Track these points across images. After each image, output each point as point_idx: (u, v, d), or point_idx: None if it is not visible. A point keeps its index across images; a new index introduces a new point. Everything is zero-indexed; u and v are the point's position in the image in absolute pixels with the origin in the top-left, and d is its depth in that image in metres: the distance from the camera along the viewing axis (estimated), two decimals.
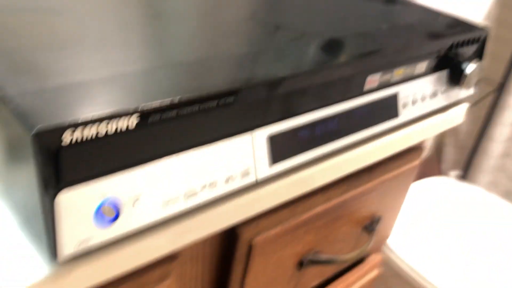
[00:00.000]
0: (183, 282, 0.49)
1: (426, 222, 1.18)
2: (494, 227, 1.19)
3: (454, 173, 1.71)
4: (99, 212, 0.33)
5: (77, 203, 0.31)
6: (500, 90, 1.51)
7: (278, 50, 0.45)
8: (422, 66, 0.56)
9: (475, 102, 1.61)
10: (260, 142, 0.42)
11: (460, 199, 1.28)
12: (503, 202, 1.29)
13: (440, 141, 1.72)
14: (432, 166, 1.77)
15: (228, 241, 0.50)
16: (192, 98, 0.35)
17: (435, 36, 0.57)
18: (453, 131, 1.69)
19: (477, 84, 1.56)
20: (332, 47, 0.48)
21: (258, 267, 0.53)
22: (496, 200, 1.29)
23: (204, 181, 0.38)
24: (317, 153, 0.48)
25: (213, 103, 0.36)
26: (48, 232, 0.31)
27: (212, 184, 0.39)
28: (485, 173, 1.61)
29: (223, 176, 0.39)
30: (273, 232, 0.52)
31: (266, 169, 0.43)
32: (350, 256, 0.62)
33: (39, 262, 0.33)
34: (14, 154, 0.33)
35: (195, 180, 0.38)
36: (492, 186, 1.64)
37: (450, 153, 1.72)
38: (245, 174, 0.41)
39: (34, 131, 0.28)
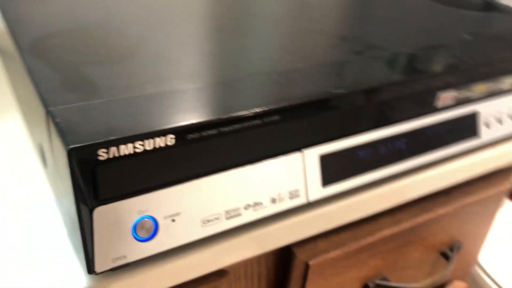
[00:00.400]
0: None
1: None
2: None
3: None
4: (137, 229, 0.33)
5: (114, 219, 0.32)
6: None
7: (341, 64, 0.43)
8: (510, 81, 0.51)
9: None
10: (311, 161, 0.40)
11: None
12: None
13: None
14: None
15: (284, 261, 0.49)
16: (231, 117, 0.34)
17: None
18: None
19: None
20: (399, 61, 0.45)
21: None
22: None
23: (248, 201, 0.37)
24: (380, 175, 0.45)
25: (258, 122, 0.35)
26: (85, 246, 0.32)
27: (257, 204, 0.38)
28: None
29: (269, 196, 0.38)
30: (332, 254, 0.49)
31: (318, 190, 0.41)
32: (422, 284, 0.57)
33: (78, 273, 0.34)
34: (59, 167, 0.34)
35: (238, 200, 0.37)
36: None
37: None
38: (294, 194, 0.40)
39: (69, 147, 0.29)
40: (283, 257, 0.49)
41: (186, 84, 0.37)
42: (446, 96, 0.46)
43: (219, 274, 0.43)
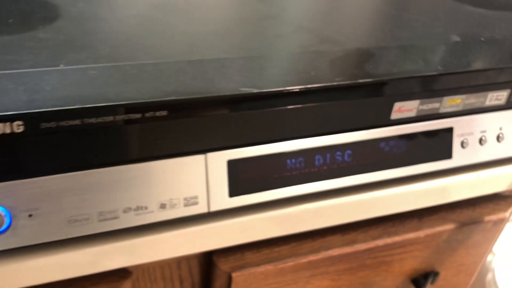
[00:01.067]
0: None
1: None
2: None
3: None
4: None
5: None
6: None
7: (273, 58, 0.37)
8: (499, 96, 0.42)
9: None
10: (216, 166, 0.35)
11: None
12: None
13: None
14: None
15: (207, 270, 0.44)
16: (99, 107, 0.29)
17: None
18: None
19: None
20: (349, 60, 0.38)
21: None
22: None
23: (129, 204, 0.33)
24: (312, 188, 0.39)
25: (136, 116, 0.31)
26: None
27: (140, 208, 0.33)
28: None
29: (156, 201, 0.34)
30: (262, 268, 0.44)
31: (223, 200, 0.36)
32: None
33: None
34: None
35: (116, 201, 0.33)
36: None
37: None
38: (191, 202, 0.35)
39: None
40: (206, 264, 0.44)
41: (66, 65, 0.33)
42: (405, 107, 0.39)
43: (121, 275, 0.40)
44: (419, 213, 0.50)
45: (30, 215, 0.31)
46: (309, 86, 0.34)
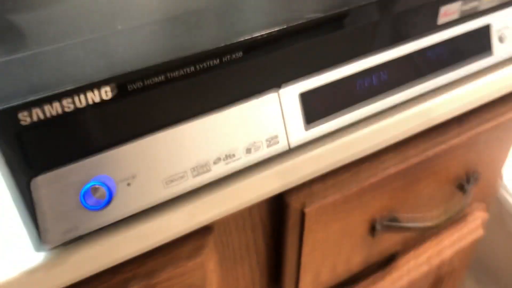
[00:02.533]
0: (231, 252, 0.45)
1: None
2: None
3: None
4: (86, 197, 0.29)
5: (58, 189, 0.28)
6: None
7: None
8: None
9: None
10: (290, 101, 0.35)
11: None
12: None
13: None
14: None
15: (278, 210, 0.45)
16: (180, 59, 0.28)
17: None
18: None
19: None
20: None
21: (316, 236, 0.47)
22: None
23: (218, 154, 0.33)
24: (376, 107, 0.39)
25: (215, 61, 0.30)
26: (30, 221, 0.28)
27: (229, 157, 0.33)
28: None
29: (242, 146, 0.33)
30: (330, 199, 0.45)
31: (300, 133, 0.36)
32: (436, 222, 0.53)
33: (30, 250, 0.30)
34: None
35: (206, 154, 0.32)
36: None
37: None
38: (273, 141, 0.35)
39: None
40: (277, 206, 0.45)
41: (123, 25, 0.32)
42: (449, 10, 0.39)
43: (203, 232, 0.40)
44: (458, 118, 0.52)
45: (128, 184, 0.30)
46: (364, 2, 0.34)
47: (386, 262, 0.60)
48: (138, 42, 0.30)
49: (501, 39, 0.43)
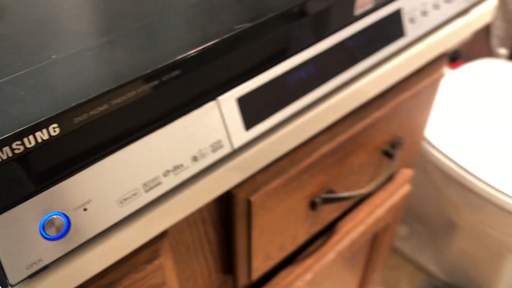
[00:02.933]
0: (185, 247, 0.47)
1: (467, 109, 1.09)
2: None
3: (503, 51, 1.56)
4: (46, 229, 0.30)
5: (17, 226, 0.29)
6: None
7: None
8: None
9: None
10: (228, 107, 0.36)
11: (509, 81, 1.17)
12: None
13: None
14: (481, 43, 1.62)
15: (225, 201, 0.47)
16: (122, 86, 0.29)
17: None
18: (502, 3, 1.51)
19: None
20: None
21: (263, 220, 0.50)
22: None
23: (167, 167, 0.34)
24: (308, 100, 0.42)
25: (155, 82, 0.31)
26: None
27: (177, 168, 0.35)
28: None
29: (189, 156, 0.35)
30: (273, 185, 0.48)
31: (242, 135, 0.38)
32: (368, 189, 0.57)
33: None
34: None
35: (155, 169, 0.34)
36: None
37: (499, 28, 1.56)
38: (217, 146, 0.37)
39: None
40: (224, 197, 0.47)
41: (57, 54, 0.32)
42: (364, 0, 0.42)
43: (158, 236, 0.42)
44: (381, 93, 0.56)
45: (85, 209, 0.31)
46: (288, 7, 0.36)
47: (328, 229, 0.65)
48: (76, 71, 0.30)
49: (411, 20, 0.47)
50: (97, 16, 0.35)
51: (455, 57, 1.56)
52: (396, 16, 0.46)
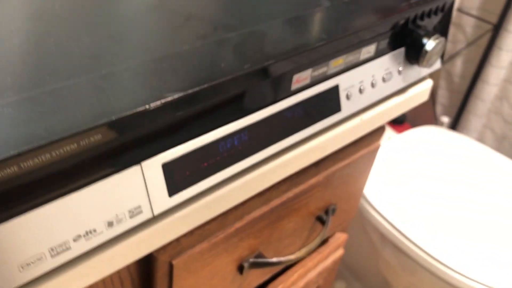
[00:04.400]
0: None
1: (409, 173, 1.13)
2: (483, 178, 1.14)
3: (446, 119, 1.63)
4: None
5: None
6: (496, 29, 1.40)
7: (177, 55, 0.38)
8: (369, 49, 0.49)
9: (469, 43, 1.50)
10: (152, 173, 0.36)
11: (449, 149, 1.22)
12: (493, 152, 1.22)
13: (435, 84, 1.63)
14: (426, 108, 1.69)
15: (146, 262, 0.46)
16: (31, 150, 0.28)
17: (385, 11, 0.48)
18: (446, 74, 1.59)
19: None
20: (245, 44, 0.40)
21: (185, 282, 0.48)
22: (486, 151, 1.22)
23: (78, 231, 0.33)
24: (238, 168, 0.42)
25: (71, 146, 0.30)
26: None
27: (89, 233, 0.33)
28: (480, 117, 1.53)
29: (103, 221, 0.34)
30: (198, 248, 0.47)
31: (164, 201, 0.37)
32: (298, 255, 0.57)
33: None
34: None
35: (63, 233, 0.32)
36: (488, 131, 1.56)
37: (443, 97, 1.64)
38: (136, 212, 0.35)
39: None
40: (145, 258, 0.45)
41: None
42: (300, 77, 0.43)
43: None
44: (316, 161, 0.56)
45: None
46: (224, 79, 0.36)
47: None
48: None
49: (348, 97, 0.49)
50: (21, 68, 0.34)
51: (400, 120, 1.62)
52: (333, 92, 0.47)
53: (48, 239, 0.31)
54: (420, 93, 0.59)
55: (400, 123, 1.64)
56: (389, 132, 1.52)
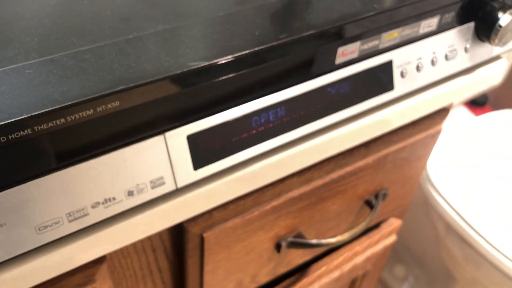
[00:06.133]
0: (131, 271, 0.45)
1: (481, 159, 1.04)
2: None
3: None
4: None
5: None
6: None
7: (209, 23, 0.36)
8: (431, 22, 0.44)
9: None
10: (176, 144, 0.34)
11: None
12: None
13: None
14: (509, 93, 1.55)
15: (178, 233, 0.45)
16: (47, 112, 0.28)
17: None
18: None
19: None
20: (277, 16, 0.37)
21: (217, 256, 0.48)
22: None
23: (97, 198, 0.32)
24: (277, 143, 0.40)
25: (88, 112, 0.29)
26: None
27: (108, 200, 0.33)
28: None
29: (123, 189, 0.33)
30: (230, 223, 0.45)
31: (189, 174, 0.36)
32: (339, 238, 0.54)
33: None
34: None
35: (82, 198, 0.32)
36: None
37: None
38: (158, 183, 0.34)
39: None
40: (177, 230, 0.45)
41: None
42: (348, 50, 0.39)
43: (96, 260, 0.40)
44: (366, 142, 0.53)
45: None
46: (258, 48, 0.34)
47: (296, 270, 0.62)
48: (11, 89, 0.29)
49: (402, 74, 0.44)
50: (50, 29, 0.34)
51: (482, 102, 1.50)
52: (385, 69, 0.43)
53: (65, 204, 0.31)
54: (491, 75, 0.53)
55: (481, 105, 1.52)
56: (466, 114, 1.42)
